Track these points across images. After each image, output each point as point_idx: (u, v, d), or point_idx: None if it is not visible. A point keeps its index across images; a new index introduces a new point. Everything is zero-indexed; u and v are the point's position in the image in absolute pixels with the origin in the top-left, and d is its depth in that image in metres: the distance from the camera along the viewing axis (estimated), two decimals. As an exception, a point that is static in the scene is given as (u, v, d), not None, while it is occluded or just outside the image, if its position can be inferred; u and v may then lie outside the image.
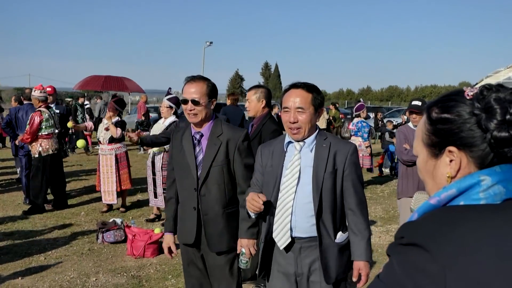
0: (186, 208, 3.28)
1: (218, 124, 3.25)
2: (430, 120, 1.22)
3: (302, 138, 2.72)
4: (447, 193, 1.13)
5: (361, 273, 2.73)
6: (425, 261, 1.02)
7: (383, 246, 6.43)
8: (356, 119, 10.55)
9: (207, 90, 3.17)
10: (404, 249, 1.08)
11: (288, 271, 2.77)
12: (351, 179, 2.72)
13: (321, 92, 2.80)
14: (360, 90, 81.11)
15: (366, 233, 2.74)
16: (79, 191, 9.74)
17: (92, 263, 5.59)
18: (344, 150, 2.72)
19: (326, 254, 2.68)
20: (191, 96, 3.13)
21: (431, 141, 1.21)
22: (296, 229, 2.70)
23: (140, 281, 5.07)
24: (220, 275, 3.27)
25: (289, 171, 2.71)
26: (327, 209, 2.68)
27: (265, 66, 79.91)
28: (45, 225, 7.12)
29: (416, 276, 1.03)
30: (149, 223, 7.32)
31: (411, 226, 1.12)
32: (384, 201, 9.43)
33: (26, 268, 5.39)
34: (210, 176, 3.16)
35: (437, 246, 1.03)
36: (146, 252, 5.79)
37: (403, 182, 4.99)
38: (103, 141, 7.71)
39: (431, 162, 1.22)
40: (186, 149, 3.23)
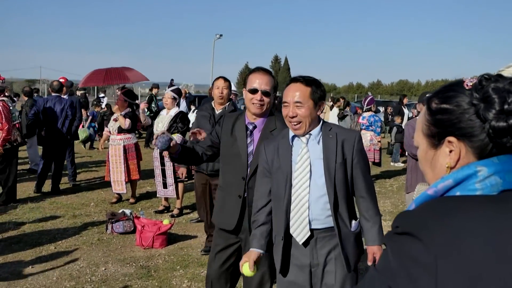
0: (230, 194, 3.29)
1: (272, 119, 3.27)
2: (429, 111, 1.22)
3: (304, 132, 2.71)
4: (443, 184, 1.14)
5: (375, 256, 2.79)
6: (417, 250, 1.03)
7: (391, 240, 6.41)
8: (367, 113, 10.50)
9: (274, 83, 3.23)
10: (398, 238, 1.08)
11: (303, 262, 2.77)
12: (360, 166, 2.75)
13: (322, 85, 2.79)
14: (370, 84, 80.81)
15: (377, 218, 2.80)
16: (89, 182, 9.81)
17: (101, 253, 5.64)
18: (351, 139, 2.74)
19: (345, 243, 2.71)
20: (263, 87, 3.16)
21: (430, 132, 1.21)
22: (313, 222, 2.71)
23: (149, 271, 5.11)
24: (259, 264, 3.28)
25: (300, 165, 2.71)
26: (342, 199, 2.70)
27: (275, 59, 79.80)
28: (55, 215, 7.18)
29: (409, 265, 1.03)
30: (158, 214, 7.36)
31: (406, 216, 1.12)
32: (393, 195, 9.40)
33: (36, 257, 5.45)
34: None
35: (430, 235, 1.03)
36: (154, 243, 5.83)
37: (412, 176, 4.97)
38: (113, 131, 7.77)
39: (430, 152, 1.23)
40: (238, 137, 3.24)
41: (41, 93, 23.96)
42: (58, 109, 8.60)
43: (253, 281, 3.33)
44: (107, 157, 7.99)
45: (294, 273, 2.81)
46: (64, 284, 4.73)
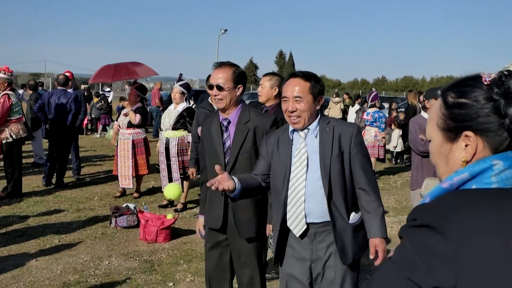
0: (214, 193, 3.28)
1: (246, 111, 3.26)
2: (446, 105, 1.21)
3: (303, 127, 2.75)
4: (459, 177, 1.15)
5: (378, 249, 2.76)
6: (437, 243, 1.04)
7: (395, 236, 6.41)
8: (371, 109, 10.47)
9: (233, 75, 3.18)
10: (416, 230, 1.09)
11: (303, 256, 2.79)
12: (359, 159, 2.74)
13: (320, 80, 2.81)
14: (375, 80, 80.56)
15: (379, 210, 2.77)
16: (93, 176, 9.83)
17: (105, 247, 5.66)
18: (348, 132, 2.74)
19: (342, 236, 2.71)
20: (216, 82, 3.16)
21: (447, 126, 1.21)
22: (310, 215, 2.73)
23: (152, 266, 5.12)
24: (246, 260, 3.30)
25: (297, 159, 2.75)
26: (337, 191, 2.70)
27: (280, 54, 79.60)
28: (59, 209, 7.20)
29: (428, 257, 1.04)
30: (162, 209, 7.37)
31: (424, 208, 1.13)
32: (397, 191, 9.39)
33: (40, 250, 5.47)
34: (238, 163, 3.17)
35: (449, 228, 1.05)
36: (158, 237, 5.84)
37: (418, 173, 4.94)
38: (122, 125, 7.78)
39: (446, 146, 1.22)
40: (214, 135, 3.25)
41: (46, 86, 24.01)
42: (63, 103, 8.61)
43: (243, 279, 3.35)
44: (115, 151, 8.00)
45: (294, 266, 2.84)
46: (68, 277, 4.75)
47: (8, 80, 7.67)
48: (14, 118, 7.69)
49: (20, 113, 7.81)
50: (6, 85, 7.64)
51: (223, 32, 40.83)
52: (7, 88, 7.65)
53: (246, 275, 3.33)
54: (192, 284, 4.66)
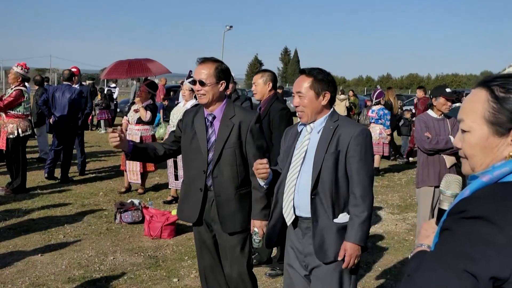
0: (191, 188, 3.32)
1: (231, 106, 3.28)
2: (496, 99, 1.21)
3: (307, 121, 2.81)
4: (500, 171, 1.17)
5: (346, 254, 2.69)
6: (491, 233, 1.06)
7: (399, 233, 6.40)
8: (376, 106, 10.46)
9: (215, 71, 3.19)
10: (468, 222, 1.11)
11: (298, 248, 2.85)
12: (354, 161, 2.71)
13: (327, 76, 2.80)
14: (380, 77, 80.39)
15: (361, 216, 2.68)
16: (98, 172, 9.86)
17: (110, 242, 5.68)
18: (349, 132, 2.72)
19: (323, 232, 2.70)
20: (199, 77, 3.18)
21: (496, 120, 1.21)
22: (299, 208, 2.78)
23: (157, 261, 5.13)
24: (231, 255, 3.32)
25: (298, 151, 2.82)
26: (325, 188, 2.70)
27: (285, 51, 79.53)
28: (64, 204, 7.23)
29: (483, 247, 1.06)
30: (167, 204, 7.38)
31: (473, 200, 1.14)
32: (401, 189, 9.37)
33: (45, 245, 5.49)
34: (223, 158, 3.20)
35: (502, 218, 1.07)
36: (163, 233, 5.85)
37: (424, 171, 4.92)
38: (131, 121, 7.79)
39: (493, 139, 1.22)
40: (198, 131, 3.26)
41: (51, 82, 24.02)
42: (67, 98, 8.62)
43: (232, 275, 3.36)
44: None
45: (292, 257, 2.90)
46: (73, 272, 4.76)
47: (22, 76, 7.74)
48: (24, 114, 7.75)
49: (29, 110, 7.88)
50: (20, 80, 7.70)
51: (229, 29, 40.80)
52: (21, 84, 7.71)
53: (234, 271, 3.35)
54: (196, 280, 4.67)
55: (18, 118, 7.66)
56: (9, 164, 7.84)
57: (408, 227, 6.71)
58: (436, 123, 4.89)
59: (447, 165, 4.79)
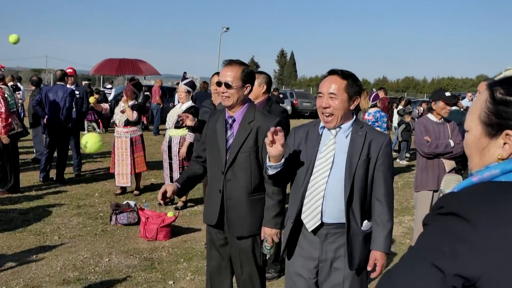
0: (212, 190, 3.32)
1: (252, 110, 3.25)
2: (493, 100, 1.20)
3: (335, 126, 2.71)
4: (490, 173, 1.15)
5: (377, 263, 2.73)
6: (464, 230, 1.04)
7: (396, 237, 6.39)
8: (373, 109, 10.44)
9: (241, 74, 3.18)
10: (443, 218, 1.09)
11: (312, 255, 2.78)
12: (383, 170, 2.71)
13: (358, 81, 2.77)
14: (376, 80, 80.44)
15: (388, 225, 2.73)
16: (94, 173, 9.82)
17: (105, 244, 5.64)
18: (380, 140, 2.72)
19: (353, 240, 2.69)
20: (225, 79, 3.15)
21: (489, 121, 1.20)
22: (325, 214, 2.70)
23: (153, 263, 5.10)
24: (243, 258, 3.29)
25: (323, 155, 2.72)
26: (357, 196, 2.68)
27: (281, 53, 79.56)
28: (59, 205, 7.18)
29: (454, 243, 1.04)
30: (162, 207, 7.35)
31: (451, 197, 1.13)
32: (398, 192, 9.37)
33: (40, 246, 5.45)
34: (237, 161, 3.17)
35: (477, 216, 1.04)
36: (158, 235, 5.82)
37: (423, 175, 4.90)
38: (119, 123, 7.75)
39: (484, 140, 1.21)
40: (218, 132, 3.26)
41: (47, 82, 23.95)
42: (60, 98, 8.57)
43: (242, 277, 3.34)
44: (112, 149, 7.97)
45: (301, 265, 2.82)
46: (68, 274, 4.73)
47: None
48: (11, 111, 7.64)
49: (13, 107, 7.77)
50: None
51: (225, 31, 40.80)
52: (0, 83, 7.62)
53: (245, 274, 3.33)
54: (192, 283, 4.65)
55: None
56: (4, 165, 7.78)
57: (405, 231, 6.71)
58: (436, 127, 4.88)
59: (447, 169, 4.78)
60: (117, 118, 7.80)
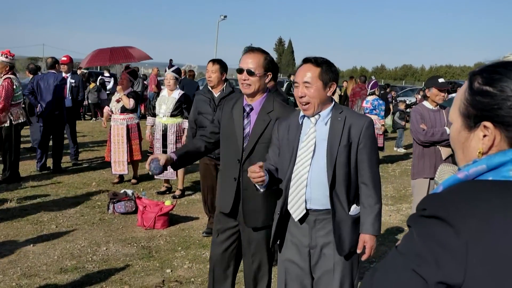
0: (226, 177, 3.27)
1: (271, 100, 3.21)
2: (471, 90, 1.15)
3: (313, 113, 2.72)
4: (476, 169, 1.09)
5: (366, 245, 2.74)
6: (447, 235, 1.00)
7: (393, 225, 6.41)
8: (371, 96, 10.43)
9: (264, 62, 3.14)
10: (426, 221, 1.05)
11: (302, 242, 2.79)
12: (366, 152, 2.71)
13: (333, 66, 2.76)
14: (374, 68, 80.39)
15: (376, 207, 2.73)
16: (91, 162, 9.80)
17: (102, 233, 5.64)
18: (359, 123, 2.71)
19: (340, 226, 2.70)
20: (247, 66, 3.11)
21: (467, 112, 1.15)
22: (311, 201, 2.72)
23: (150, 252, 5.10)
24: (256, 248, 3.27)
25: (305, 144, 2.73)
26: (341, 181, 2.68)
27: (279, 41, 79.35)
28: (57, 194, 7.17)
29: (436, 250, 1.00)
30: (160, 195, 7.35)
31: (435, 199, 1.08)
32: (396, 180, 9.38)
33: (37, 235, 5.45)
34: (255, 152, 3.12)
35: (461, 220, 1.00)
36: (156, 223, 5.82)
37: (419, 163, 4.90)
38: (115, 111, 7.71)
39: (464, 133, 1.17)
40: (235, 119, 3.20)
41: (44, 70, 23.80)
42: (51, 86, 8.51)
43: (252, 266, 3.33)
44: (108, 137, 7.94)
45: (293, 252, 2.84)
46: (65, 263, 4.73)
47: (9, 64, 7.58)
48: (14, 102, 7.61)
49: (20, 98, 7.76)
50: (7, 68, 7.55)
51: (223, 19, 40.63)
52: (9, 72, 7.56)
53: (255, 262, 3.31)
54: (189, 271, 4.65)
55: (13, 107, 7.56)
56: (4, 154, 7.77)
57: (402, 218, 6.72)
58: (432, 114, 4.86)
59: (443, 156, 4.77)
60: (113, 106, 7.76)
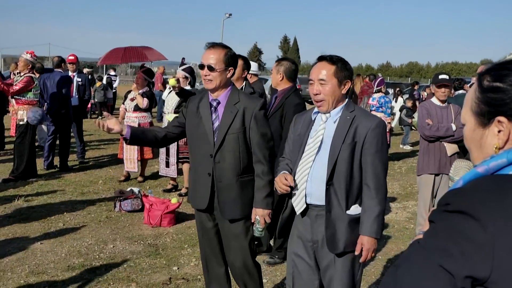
0: (199, 173, 3.28)
1: (236, 93, 3.25)
2: (481, 88, 1.17)
3: (327, 110, 2.74)
4: (496, 162, 1.11)
5: (363, 248, 2.72)
6: (473, 229, 1.00)
7: (399, 222, 6.40)
8: (377, 94, 10.40)
9: (224, 57, 3.16)
10: (450, 216, 1.06)
11: (306, 237, 2.82)
12: (370, 153, 2.70)
13: (348, 64, 2.77)
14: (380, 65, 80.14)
15: (376, 209, 2.69)
16: (97, 160, 9.83)
17: (109, 231, 5.66)
18: (367, 124, 2.69)
19: (335, 223, 2.69)
20: (207, 62, 3.13)
21: (480, 110, 1.17)
22: (311, 196, 2.74)
23: (157, 249, 5.12)
24: (234, 243, 3.29)
25: (312, 140, 2.76)
26: (341, 179, 2.68)
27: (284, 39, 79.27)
28: (64, 193, 7.21)
29: (462, 244, 1.01)
30: (166, 193, 7.36)
31: (458, 193, 1.09)
32: (402, 177, 9.36)
33: (45, 233, 5.48)
34: (226, 143, 3.16)
35: (486, 214, 1.01)
36: (162, 221, 5.84)
37: (424, 159, 4.91)
38: (129, 109, 7.75)
39: (478, 131, 1.18)
40: (203, 116, 3.23)
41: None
42: (56, 85, 8.57)
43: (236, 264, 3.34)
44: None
45: (299, 246, 2.86)
46: (73, 260, 4.75)
47: (32, 63, 7.84)
48: (34, 100, 7.77)
49: (37, 97, 7.88)
50: (30, 67, 7.80)
51: (228, 17, 40.60)
52: (30, 71, 7.80)
53: (238, 260, 3.32)
54: (196, 268, 4.66)
55: (28, 104, 7.71)
56: (15, 150, 7.84)
57: (409, 215, 6.70)
58: (439, 110, 4.85)
59: (448, 153, 4.77)
60: (127, 104, 7.79)
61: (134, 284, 4.28)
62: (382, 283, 1.15)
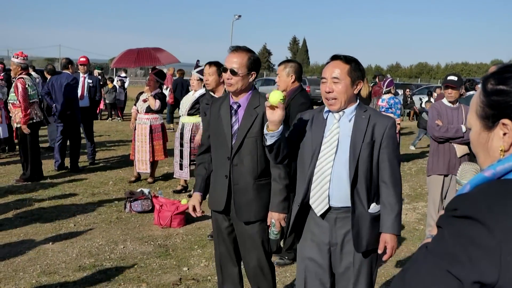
0: (218, 176, 3.32)
1: (256, 96, 3.25)
2: (485, 92, 1.18)
3: (339, 109, 2.73)
4: (503, 166, 1.10)
5: (387, 246, 2.74)
6: (481, 235, 1.00)
7: (409, 223, 6.38)
8: (387, 95, 10.37)
9: (247, 61, 3.17)
10: (457, 221, 1.06)
11: (323, 240, 2.79)
12: (387, 152, 2.72)
13: (361, 65, 2.79)
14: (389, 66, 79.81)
15: (396, 207, 2.73)
16: (108, 161, 9.89)
17: (120, 231, 5.70)
18: (383, 123, 2.72)
19: (359, 223, 2.70)
20: (231, 66, 3.15)
21: (485, 113, 1.18)
22: (333, 198, 2.72)
23: (167, 250, 5.15)
24: (250, 244, 3.31)
25: (328, 139, 2.74)
26: (362, 178, 2.69)
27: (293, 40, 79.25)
28: (74, 193, 7.26)
29: (470, 249, 1.01)
30: (176, 194, 7.39)
31: (466, 199, 1.09)
32: (411, 178, 9.33)
33: (56, 234, 5.52)
34: (244, 146, 3.18)
35: (494, 220, 1.01)
36: (172, 222, 5.86)
37: (434, 159, 4.90)
38: (141, 110, 7.78)
39: (484, 134, 1.19)
40: (223, 118, 3.25)
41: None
42: (64, 86, 8.60)
43: (251, 264, 3.36)
44: (133, 136, 8.00)
45: (313, 250, 2.84)
46: (84, 260, 4.79)
47: (21, 65, 7.67)
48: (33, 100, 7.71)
49: (35, 97, 7.80)
50: (19, 69, 7.65)
51: (237, 18, 40.68)
52: (22, 73, 7.66)
53: (253, 260, 3.34)
54: (206, 269, 4.68)
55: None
56: (20, 154, 7.88)
57: (418, 217, 6.68)
58: (449, 111, 4.85)
59: (458, 154, 4.76)
60: (139, 105, 7.83)
61: (144, 285, 4.31)
62: (392, 287, 1.15)
